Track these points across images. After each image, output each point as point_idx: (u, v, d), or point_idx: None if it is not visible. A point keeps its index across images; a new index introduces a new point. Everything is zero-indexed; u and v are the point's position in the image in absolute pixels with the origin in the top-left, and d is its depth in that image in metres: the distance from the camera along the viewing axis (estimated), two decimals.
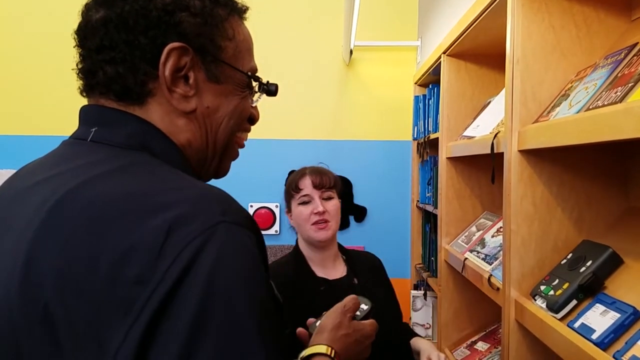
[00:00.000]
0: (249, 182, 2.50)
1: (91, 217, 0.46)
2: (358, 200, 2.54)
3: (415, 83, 2.41)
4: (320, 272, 1.38)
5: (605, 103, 0.70)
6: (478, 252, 1.43)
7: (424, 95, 2.24)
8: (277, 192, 2.52)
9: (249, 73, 0.65)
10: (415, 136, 2.42)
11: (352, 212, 2.54)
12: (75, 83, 0.60)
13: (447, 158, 1.73)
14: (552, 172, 0.98)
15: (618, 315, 0.72)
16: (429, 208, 2.06)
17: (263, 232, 2.44)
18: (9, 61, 2.54)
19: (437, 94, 1.91)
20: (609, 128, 0.65)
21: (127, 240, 0.44)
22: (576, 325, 0.78)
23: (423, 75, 2.18)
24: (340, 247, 1.47)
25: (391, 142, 2.56)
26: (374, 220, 2.56)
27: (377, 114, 2.56)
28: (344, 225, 2.53)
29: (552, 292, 0.88)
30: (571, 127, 0.76)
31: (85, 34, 0.57)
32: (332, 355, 0.73)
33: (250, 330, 0.44)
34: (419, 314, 2.26)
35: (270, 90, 0.69)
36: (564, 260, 0.93)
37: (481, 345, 1.62)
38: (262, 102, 0.68)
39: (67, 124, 0.92)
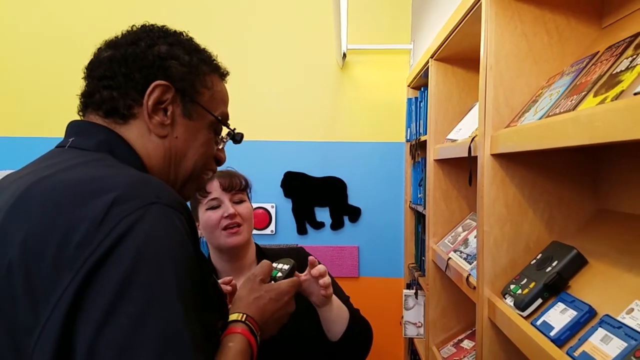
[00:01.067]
0: None
1: (52, 196, 0.56)
2: (352, 200, 2.58)
3: (408, 86, 2.45)
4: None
5: (562, 111, 0.73)
6: (461, 252, 1.47)
7: (416, 98, 2.27)
8: (273, 193, 2.58)
9: (219, 117, 0.77)
10: (408, 138, 2.46)
11: (347, 212, 2.58)
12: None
13: (434, 160, 1.76)
14: (524, 175, 1.01)
15: (575, 313, 0.75)
16: (420, 209, 2.10)
17: (259, 233, 2.52)
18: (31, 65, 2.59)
19: (427, 97, 1.94)
20: (560, 135, 0.68)
21: (77, 213, 0.53)
22: (538, 322, 0.81)
23: (415, 78, 2.22)
24: (259, 252, 1.34)
25: (385, 143, 2.60)
26: (368, 220, 2.59)
27: (371, 116, 2.60)
28: (338, 225, 2.57)
29: (520, 291, 0.91)
30: (532, 133, 0.79)
31: (93, 67, 0.72)
32: (243, 319, 0.77)
33: (171, 293, 0.52)
34: (411, 312, 2.29)
35: (236, 138, 0.83)
36: (534, 261, 0.97)
37: (467, 344, 1.65)
38: (259, 105, 0.81)
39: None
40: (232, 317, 0.78)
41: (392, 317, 2.50)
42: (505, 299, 0.96)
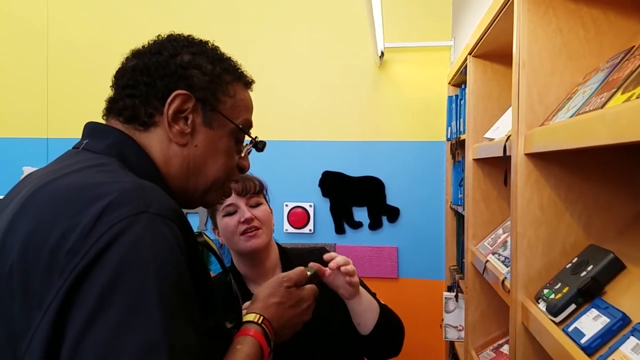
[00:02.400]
0: (284, 183, 2.58)
1: (52, 201, 0.58)
2: (391, 200, 2.56)
3: (449, 83, 2.40)
4: (254, 289, 1.21)
5: (591, 108, 0.70)
6: (499, 255, 1.43)
7: (456, 96, 2.22)
8: (311, 192, 2.60)
9: (240, 125, 0.77)
10: (448, 137, 2.41)
11: (385, 212, 2.56)
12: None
13: (473, 159, 1.72)
14: (559, 176, 0.98)
15: (608, 320, 0.72)
16: (460, 209, 2.05)
17: (297, 231, 2.55)
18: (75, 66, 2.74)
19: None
20: (588, 134, 0.65)
21: (72, 220, 0.55)
22: (570, 329, 0.78)
23: (455, 75, 2.17)
24: (283, 253, 1.32)
25: (425, 142, 2.56)
26: (408, 221, 2.56)
27: (410, 114, 2.56)
28: (376, 225, 2.56)
29: (553, 296, 0.88)
30: (562, 132, 0.77)
31: (118, 75, 0.75)
32: (259, 321, 0.76)
33: (153, 303, 0.52)
34: (451, 315, 2.25)
35: (258, 146, 0.82)
36: (569, 265, 0.93)
37: (506, 349, 1.60)
38: (297, 105, 0.80)
39: None
40: (249, 317, 0.78)
41: (432, 319, 2.45)
42: (539, 303, 0.93)
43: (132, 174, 0.65)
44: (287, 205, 2.58)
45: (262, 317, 0.78)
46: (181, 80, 0.71)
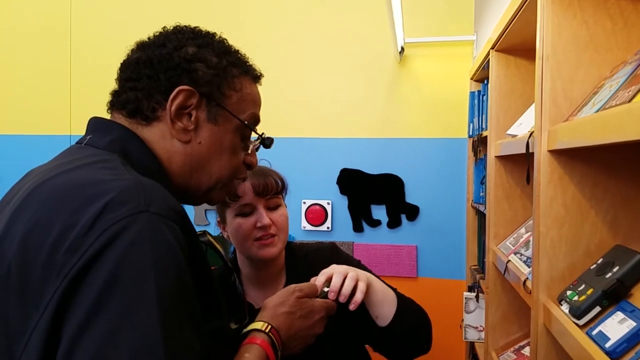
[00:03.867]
0: (302, 180, 2.57)
1: (52, 199, 0.57)
2: (410, 198, 2.53)
3: (471, 78, 2.35)
4: (251, 294, 1.14)
5: (618, 103, 0.67)
6: (521, 255, 1.39)
7: (479, 91, 2.18)
8: (329, 190, 2.59)
9: (246, 122, 0.73)
10: (470, 133, 2.36)
11: (404, 210, 2.53)
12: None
13: (495, 157, 1.68)
14: (584, 173, 0.94)
15: (634, 324, 0.69)
16: (482, 208, 2.01)
17: (315, 229, 2.53)
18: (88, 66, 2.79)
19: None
20: (614, 129, 0.62)
21: (71, 218, 0.54)
22: (594, 332, 0.75)
23: (477, 70, 2.13)
24: (289, 253, 1.20)
25: (445, 139, 2.52)
26: (427, 219, 2.53)
27: (431, 111, 2.52)
28: (395, 223, 2.53)
29: (576, 298, 0.85)
30: (587, 127, 0.73)
31: (123, 68, 0.73)
32: (267, 330, 0.74)
33: (150, 304, 0.50)
34: (472, 316, 2.21)
35: (265, 142, 0.79)
36: (594, 265, 0.89)
37: (528, 351, 1.56)
38: (314, 102, 0.76)
39: None
40: (257, 325, 0.76)
41: (452, 319, 2.42)
42: (561, 305, 0.90)
43: (134, 171, 0.63)
44: (304, 203, 2.57)
45: (269, 326, 0.75)
46: (185, 74, 0.69)
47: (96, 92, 2.75)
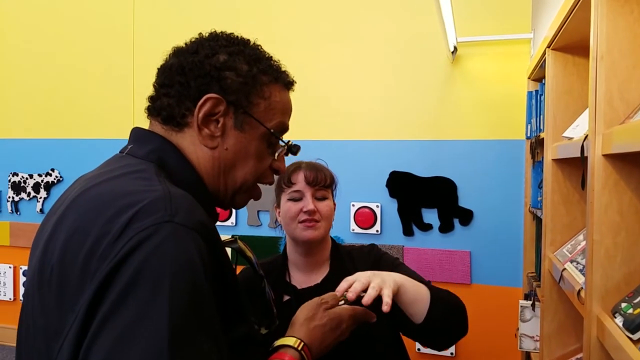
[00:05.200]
0: (351, 182, 2.58)
1: (90, 209, 0.60)
2: (463, 202, 2.46)
3: (529, 78, 2.26)
4: (296, 278, 1.26)
5: None
6: (577, 263, 1.32)
7: (536, 91, 2.09)
8: (378, 192, 2.58)
9: (272, 129, 0.74)
10: (528, 135, 2.27)
11: (457, 214, 2.47)
12: None
13: (552, 160, 1.61)
14: None
15: None
16: (539, 213, 1.93)
17: (364, 232, 2.53)
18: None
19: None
20: None
21: (105, 227, 0.57)
22: None
23: (534, 69, 2.04)
24: (335, 248, 1.30)
25: (502, 141, 2.43)
26: (482, 224, 2.45)
27: (485, 111, 2.45)
28: (448, 228, 2.47)
29: (631, 310, 0.80)
30: None
31: (159, 74, 0.75)
32: (300, 347, 0.74)
33: (162, 313, 0.51)
34: (528, 325, 2.12)
35: (292, 150, 0.79)
36: None
37: None
38: (365, 104, 0.72)
39: None
40: (288, 341, 0.75)
41: (507, 327, 2.33)
42: (615, 318, 0.85)
43: (167, 182, 0.65)
44: (353, 205, 2.57)
45: (302, 344, 0.75)
46: (214, 81, 0.70)
47: None
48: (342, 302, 0.88)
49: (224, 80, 0.70)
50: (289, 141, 0.79)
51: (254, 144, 0.73)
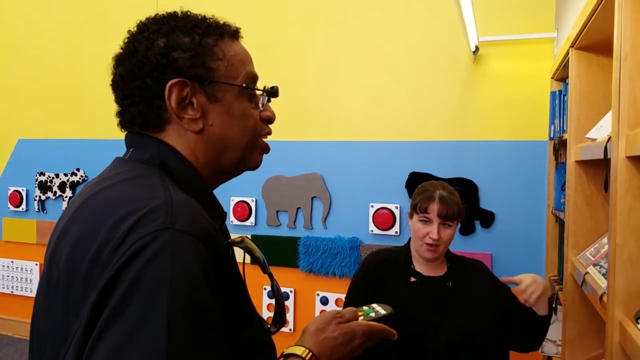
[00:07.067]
0: (370, 183, 2.58)
1: (94, 215, 0.61)
2: (485, 204, 2.43)
3: (552, 78, 2.22)
4: (418, 266, 1.48)
5: None
6: (600, 267, 1.30)
7: (560, 91, 2.05)
8: (398, 194, 2.56)
9: (243, 84, 0.72)
10: (551, 135, 2.23)
11: (478, 216, 2.44)
12: None
13: (575, 161, 1.58)
14: None
15: None
16: (562, 216, 1.89)
17: (383, 233, 2.51)
18: None
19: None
20: None
21: (108, 235, 0.57)
22: None
23: (557, 69, 2.01)
24: (448, 253, 1.51)
25: (524, 142, 2.39)
26: (504, 226, 2.42)
27: (507, 112, 2.41)
28: (469, 230, 2.44)
29: None
30: None
31: (114, 88, 0.74)
32: (307, 357, 0.72)
33: (159, 320, 0.51)
34: (550, 329, 2.08)
35: (272, 92, 0.76)
36: None
37: None
38: (385, 104, 0.70)
39: None
40: (297, 350, 0.74)
41: None
42: (639, 324, 0.83)
43: (171, 186, 0.65)
44: (372, 206, 2.57)
45: (310, 353, 0.74)
46: (167, 68, 0.68)
47: None
48: (362, 317, 0.86)
49: (175, 63, 0.68)
50: (265, 87, 0.76)
51: (235, 106, 0.72)
